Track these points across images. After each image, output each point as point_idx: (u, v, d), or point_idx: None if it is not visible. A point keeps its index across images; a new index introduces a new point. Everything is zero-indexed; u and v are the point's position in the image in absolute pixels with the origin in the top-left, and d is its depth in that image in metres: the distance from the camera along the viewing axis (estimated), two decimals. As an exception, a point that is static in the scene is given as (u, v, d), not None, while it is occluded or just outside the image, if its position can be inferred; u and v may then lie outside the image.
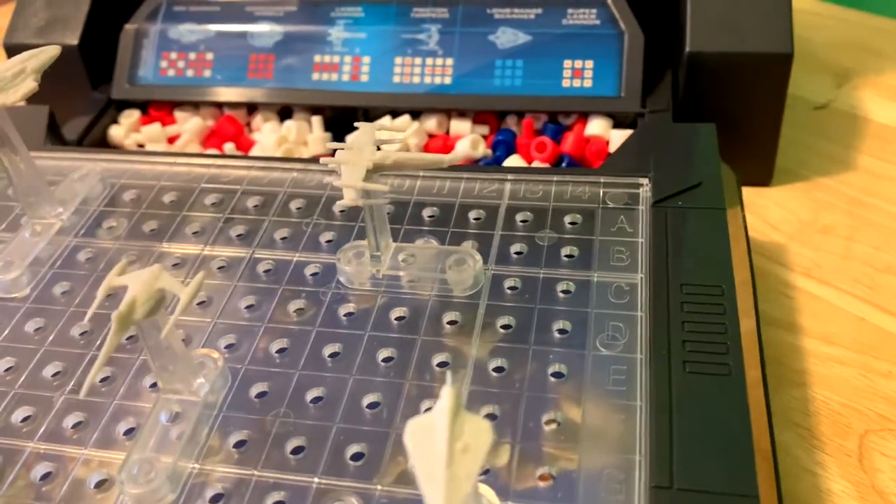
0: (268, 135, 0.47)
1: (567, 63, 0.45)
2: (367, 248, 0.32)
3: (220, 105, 0.50)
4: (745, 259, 0.33)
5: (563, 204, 0.34)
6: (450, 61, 0.46)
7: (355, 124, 0.30)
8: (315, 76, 0.48)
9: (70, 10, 0.51)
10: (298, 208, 0.36)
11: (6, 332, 0.32)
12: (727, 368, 0.27)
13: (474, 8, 0.47)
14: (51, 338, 0.31)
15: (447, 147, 0.46)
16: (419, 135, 0.46)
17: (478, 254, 0.31)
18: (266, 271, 0.33)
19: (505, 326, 0.30)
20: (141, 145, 0.49)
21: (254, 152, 0.47)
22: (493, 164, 0.45)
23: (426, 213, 0.35)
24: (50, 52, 0.33)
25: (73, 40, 0.50)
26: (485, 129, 0.47)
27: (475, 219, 0.34)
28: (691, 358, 0.28)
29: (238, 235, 0.35)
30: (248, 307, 0.32)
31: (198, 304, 0.32)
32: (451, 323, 0.30)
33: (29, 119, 0.44)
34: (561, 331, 0.29)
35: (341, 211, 0.35)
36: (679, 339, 0.28)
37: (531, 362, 0.28)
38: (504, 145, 0.45)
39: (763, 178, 0.46)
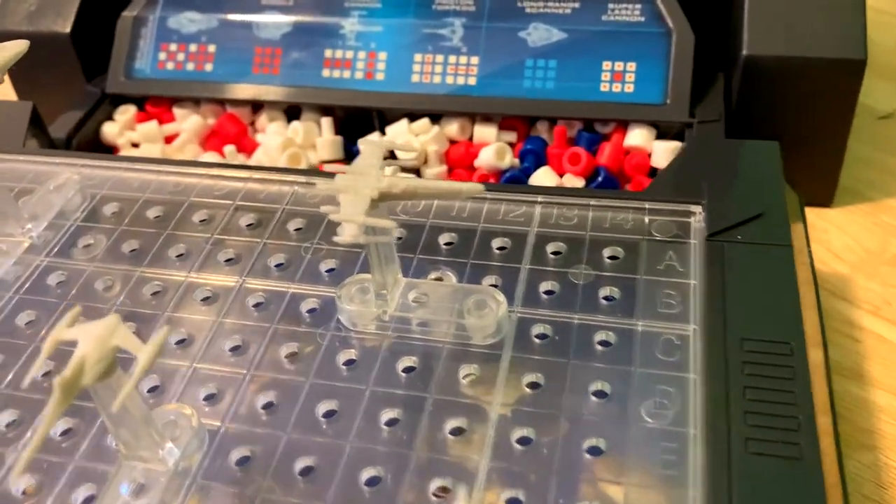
0: (272, 136, 0.43)
1: (606, 65, 0.40)
2: (372, 283, 0.27)
3: (221, 102, 0.46)
4: (813, 305, 0.28)
5: (601, 234, 0.30)
6: (475, 60, 0.42)
7: (359, 142, 0.26)
8: (325, 73, 0.43)
9: (63, -6, 0.47)
10: (297, 229, 0.32)
11: (-40, 369, 0.28)
12: (798, 450, 0.22)
13: (503, 0, 0.42)
14: (7, 378, 0.27)
15: (470, 155, 0.41)
16: (439, 140, 0.42)
17: (501, 295, 0.27)
18: (257, 305, 0.29)
19: (532, 385, 0.25)
20: (136, 145, 0.45)
21: (256, 155, 0.43)
22: (520, 175, 0.40)
23: (443, 239, 0.30)
24: (15, 49, 0.29)
25: (65, 28, 0.46)
26: (512, 136, 0.42)
27: (499, 248, 0.30)
28: (755, 435, 0.23)
29: (227, 260, 0.31)
30: (233, 349, 0.27)
31: (176, 342, 0.28)
32: (468, 378, 0.26)
33: (9, 116, 0.40)
34: (599, 393, 0.25)
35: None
36: (740, 410, 0.24)
37: (563, 432, 0.24)
38: (533, 155, 0.41)
39: (824, 198, 0.41)
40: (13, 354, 0.28)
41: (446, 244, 0.30)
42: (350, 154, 0.43)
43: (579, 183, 0.39)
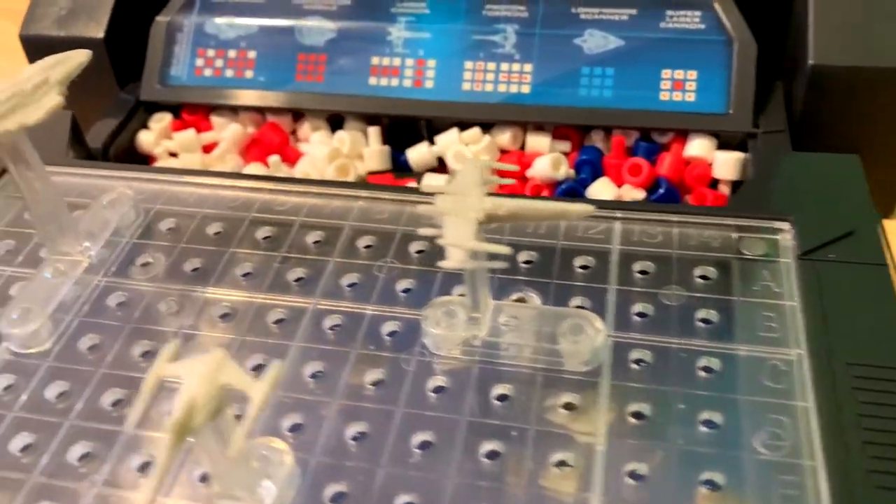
0: (318, 146, 0.42)
1: (666, 73, 0.39)
2: (459, 306, 0.26)
3: (262, 110, 0.44)
4: (911, 326, 0.27)
5: (688, 252, 0.29)
6: (528, 67, 0.40)
7: (454, 159, 0.24)
8: (372, 80, 0.42)
9: (95, -1, 0.45)
10: (367, 247, 0.30)
11: (23, 397, 0.26)
12: (926, 483, 0.22)
13: (557, 6, 0.41)
14: (77, 407, 0.26)
15: (523, 164, 0.40)
16: (491, 150, 0.41)
17: (599, 321, 0.25)
18: (333, 327, 0.28)
19: (636, 415, 0.24)
20: (173, 154, 0.44)
21: (301, 165, 0.42)
22: (576, 187, 0.39)
23: (521, 258, 0.29)
24: (77, 59, 0.27)
25: (99, 33, 0.44)
26: (566, 146, 0.41)
27: (582, 267, 0.29)
28: (878, 467, 0.22)
29: (297, 280, 0.29)
30: (314, 375, 0.26)
31: (252, 368, 0.27)
32: (567, 407, 0.24)
33: (50, 126, 0.38)
34: (708, 423, 0.24)
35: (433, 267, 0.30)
36: (857, 440, 0.23)
37: (675, 466, 0.23)
38: (590, 166, 0.39)
39: (884, 209, 0.40)
40: (79, 381, 0.27)
41: (525, 262, 0.29)
42: (397, 164, 0.42)
43: (640, 195, 0.38)
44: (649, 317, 0.27)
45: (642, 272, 0.28)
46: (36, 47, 0.46)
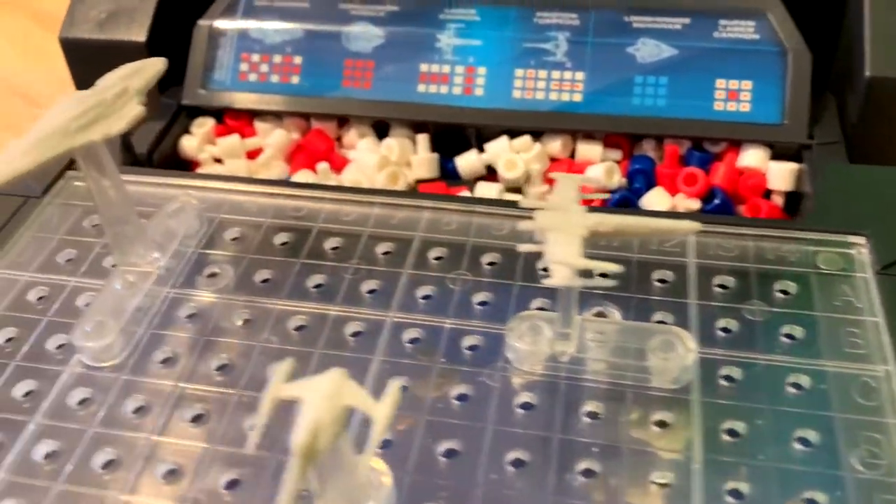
0: (366, 154, 0.41)
1: (720, 82, 0.39)
2: (545, 321, 0.26)
3: (306, 116, 0.44)
4: None
5: (766, 266, 0.29)
6: (580, 75, 0.40)
7: (551, 174, 0.24)
8: (421, 87, 0.42)
9: (136, 1, 0.45)
10: (438, 258, 0.30)
11: (101, 413, 0.26)
12: None
13: (609, 14, 0.41)
14: (159, 423, 0.25)
15: (573, 173, 0.40)
16: (541, 159, 0.40)
17: (691, 339, 0.25)
18: (413, 341, 0.27)
19: (731, 432, 0.24)
20: (217, 160, 0.43)
21: (349, 173, 0.41)
22: (630, 197, 0.39)
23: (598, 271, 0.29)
24: (155, 67, 0.27)
25: (140, 36, 0.44)
26: (617, 154, 0.41)
27: (660, 281, 0.29)
28: (978, 486, 0.22)
29: (370, 292, 0.29)
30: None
31: (334, 382, 0.26)
32: (659, 425, 0.24)
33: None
34: (802, 441, 0.24)
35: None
36: (956, 459, 0.23)
37: (774, 485, 0.23)
38: (643, 175, 0.39)
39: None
40: (157, 396, 0.26)
41: (601, 276, 0.29)
42: (446, 172, 0.42)
43: (695, 205, 0.38)
44: (733, 332, 0.27)
45: (721, 286, 0.28)
46: (76, 50, 0.45)
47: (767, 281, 0.28)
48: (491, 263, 0.30)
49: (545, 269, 0.29)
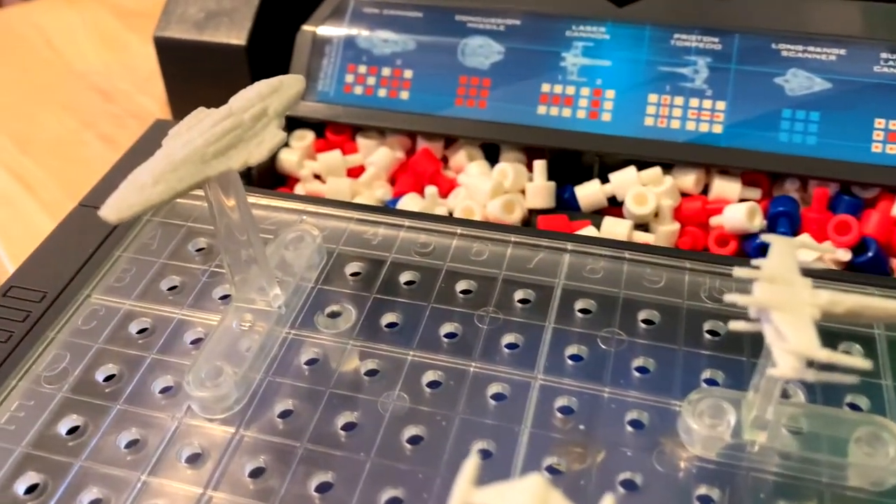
0: (479, 179, 0.38)
1: (879, 122, 0.35)
2: (728, 400, 0.22)
3: (412, 134, 0.41)
4: None
5: (970, 345, 0.25)
6: (721, 105, 0.37)
7: (763, 237, 0.21)
8: (541, 109, 0.38)
9: (236, 2, 0.42)
10: (585, 311, 0.27)
11: (214, 476, 0.23)
12: None
13: (756, 41, 0.37)
14: (280, 490, 0.22)
15: (706, 211, 0.37)
16: (673, 194, 0.37)
17: (905, 432, 0.22)
18: (564, 409, 0.24)
19: (957, 551, 0.20)
20: (317, 176, 0.41)
21: (458, 198, 0.38)
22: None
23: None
24: (295, 88, 0.24)
25: (240, 40, 0.41)
26: (756, 193, 0.37)
27: (846, 353, 0.25)
28: None
29: (509, 346, 0.26)
30: (550, 468, 0.23)
31: (480, 451, 0.23)
32: (868, 535, 0.21)
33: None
34: None
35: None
36: None
37: None
38: (787, 219, 0.36)
39: None
40: (280, 459, 0.23)
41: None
42: (561, 202, 0.38)
43: (845, 256, 0.34)
44: (943, 424, 0.23)
45: (919, 366, 0.25)
46: (171, 50, 0.43)
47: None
48: (647, 322, 0.26)
49: (711, 333, 0.26)
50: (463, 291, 0.28)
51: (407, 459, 0.23)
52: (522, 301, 0.27)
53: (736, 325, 0.19)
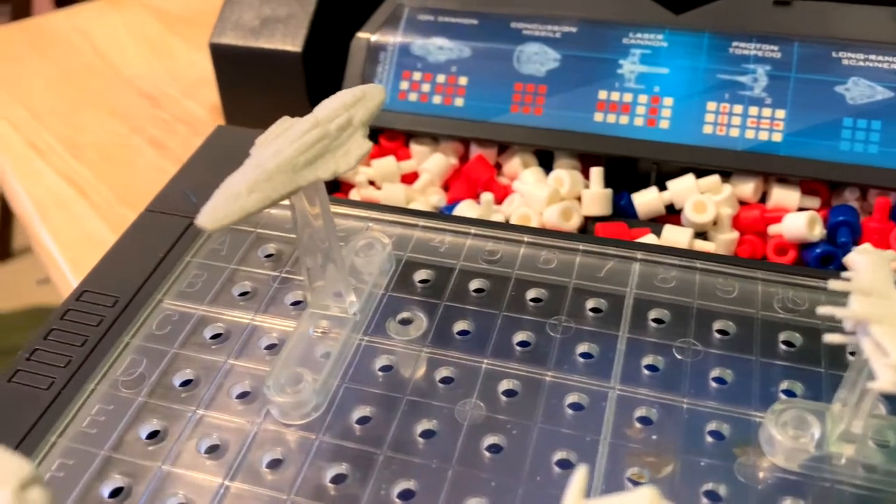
0: (536, 186, 0.38)
1: (944, 131, 0.35)
2: (811, 412, 0.22)
3: (465, 141, 0.41)
4: None
5: None
6: (781, 113, 0.37)
7: (855, 250, 0.21)
8: (598, 117, 0.38)
9: (292, 9, 0.42)
10: (658, 321, 0.27)
11: (296, 483, 0.23)
12: None
13: (816, 49, 0.37)
14: (363, 499, 0.23)
15: (765, 220, 0.36)
16: (731, 202, 0.37)
17: None
18: (644, 420, 0.24)
19: None
20: (371, 182, 0.41)
21: (513, 205, 0.38)
22: (835, 252, 0.35)
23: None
24: (378, 97, 0.24)
25: (296, 47, 0.41)
26: (815, 202, 0.37)
27: (924, 367, 0.25)
28: None
29: (584, 355, 0.26)
30: (631, 479, 0.23)
31: (559, 461, 0.23)
32: (961, 550, 0.21)
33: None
34: None
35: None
36: None
37: None
38: (848, 228, 0.35)
39: None
40: (360, 466, 0.23)
41: (853, 353, 0.25)
42: (617, 209, 0.38)
43: (909, 265, 0.34)
44: None
45: None
46: (226, 56, 0.43)
47: None
48: (722, 332, 0.26)
49: (787, 344, 0.26)
50: (533, 300, 0.28)
51: (488, 468, 0.23)
52: (594, 310, 0.27)
53: (832, 338, 0.19)
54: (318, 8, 0.42)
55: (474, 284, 0.28)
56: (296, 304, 0.28)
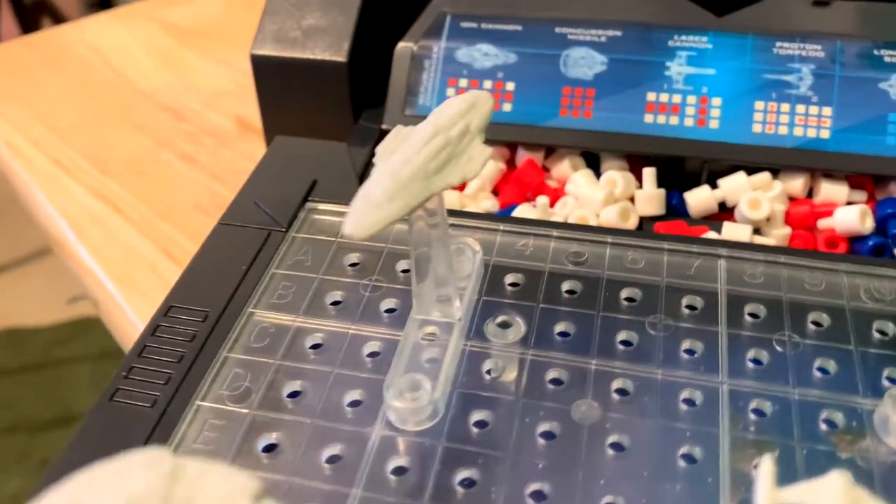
0: (589, 188, 0.39)
1: None
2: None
3: (512, 145, 0.41)
4: None
5: None
6: (827, 111, 0.38)
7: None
8: (648, 118, 0.39)
9: (334, 19, 0.42)
10: (753, 315, 0.28)
11: (426, 490, 0.23)
12: None
13: (857, 46, 0.38)
14: (497, 498, 0.23)
15: (815, 215, 0.38)
16: (783, 198, 0.38)
17: None
18: (756, 412, 0.25)
19: None
20: (423, 189, 0.41)
21: (567, 207, 0.39)
22: (888, 243, 0.36)
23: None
24: (489, 103, 0.24)
25: (341, 56, 0.41)
26: (861, 196, 0.38)
27: None
28: None
29: (688, 352, 0.26)
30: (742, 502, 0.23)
31: (683, 455, 0.24)
32: None
33: (332, 158, 0.35)
34: None
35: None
36: None
37: None
38: (897, 221, 0.37)
39: None
40: (488, 468, 0.23)
41: (946, 342, 0.26)
42: (669, 208, 0.39)
43: (960, 254, 0.35)
44: None
45: None
46: (268, 67, 0.43)
47: None
48: (816, 324, 0.27)
49: (881, 332, 0.27)
50: (627, 299, 0.28)
51: (615, 468, 0.23)
52: (689, 307, 0.28)
53: None
54: (360, 17, 0.42)
55: (565, 286, 0.29)
56: (390, 311, 0.28)
